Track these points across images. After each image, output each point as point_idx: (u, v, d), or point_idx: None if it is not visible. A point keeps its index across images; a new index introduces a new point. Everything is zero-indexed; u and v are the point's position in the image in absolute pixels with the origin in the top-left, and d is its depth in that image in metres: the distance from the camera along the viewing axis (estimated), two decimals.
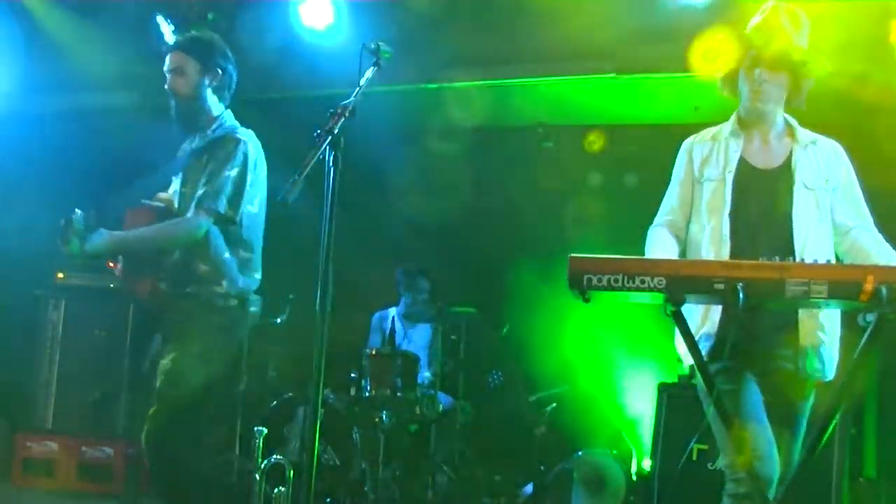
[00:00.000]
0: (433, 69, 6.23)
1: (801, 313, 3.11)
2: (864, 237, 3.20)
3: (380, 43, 3.32)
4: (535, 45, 6.04)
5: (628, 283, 2.63)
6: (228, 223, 3.90)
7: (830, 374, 3.17)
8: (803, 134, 3.32)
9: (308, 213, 3.23)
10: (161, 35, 6.12)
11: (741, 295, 2.55)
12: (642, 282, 2.62)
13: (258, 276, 4.18)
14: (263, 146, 4.35)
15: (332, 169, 2.96)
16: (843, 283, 2.56)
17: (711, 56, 3.44)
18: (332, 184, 2.95)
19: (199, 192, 3.83)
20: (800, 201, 3.18)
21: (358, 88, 3.19)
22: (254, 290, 4.12)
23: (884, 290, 2.51)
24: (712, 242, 3.22)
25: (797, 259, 2.87)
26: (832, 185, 3.26)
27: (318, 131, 2.96)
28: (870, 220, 3.29)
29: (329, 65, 5.92)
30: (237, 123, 4.22)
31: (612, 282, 2.63)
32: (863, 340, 2.70)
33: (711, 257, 3.16)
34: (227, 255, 3.96)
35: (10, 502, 6.28)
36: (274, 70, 6.36)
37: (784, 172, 3.25)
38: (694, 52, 3.49)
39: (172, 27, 6.08)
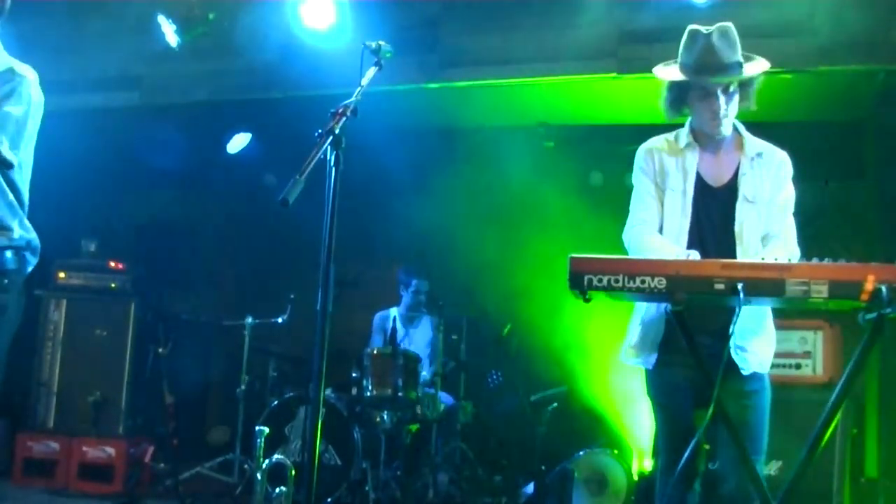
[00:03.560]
0: (434, 69, 6.23)
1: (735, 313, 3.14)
2: (770, 245, 3.23)
3: (381, 43, 3.32)
4: (536, 44, 6.04)
5: (629, 283, 2.64)
6: (3, 166, 3.34)
7: (766, 367, 3.25)
8: (750, 145, 3.37)
9: (309, 213, 3.23)
10: (162, 35, 6.11)
11: (742, 295, 2.55)
12: (643, 282, 2.63)
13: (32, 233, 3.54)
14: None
15: (333, 169, 2.96)
16: (843, 283, 2.56)
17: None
18: (334, 183, 2.95)
19: None
20: (742, 215, 3.25)
21: (359, 88, 3.19)
22: (33, 245, 3.53)
23: (884, 290, 2.51)
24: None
25: None
26: (768, 199, 3.30)
27: (320, 131, 2.95)
28: (792, 233, 3.32)
29: (330, 65, 5.93)
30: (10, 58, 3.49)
31: (612, 282, 2.64)
32: (863, 340, 2.70)
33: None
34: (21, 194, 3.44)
35: (11, 502, 6.28)
36: (275, 70, 6.36)
37: (731, 188, 3.32)
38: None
39: (174, 27, 6.07)
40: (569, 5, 5.91)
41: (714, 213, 3.30)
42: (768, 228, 3.28)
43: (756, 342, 3.23)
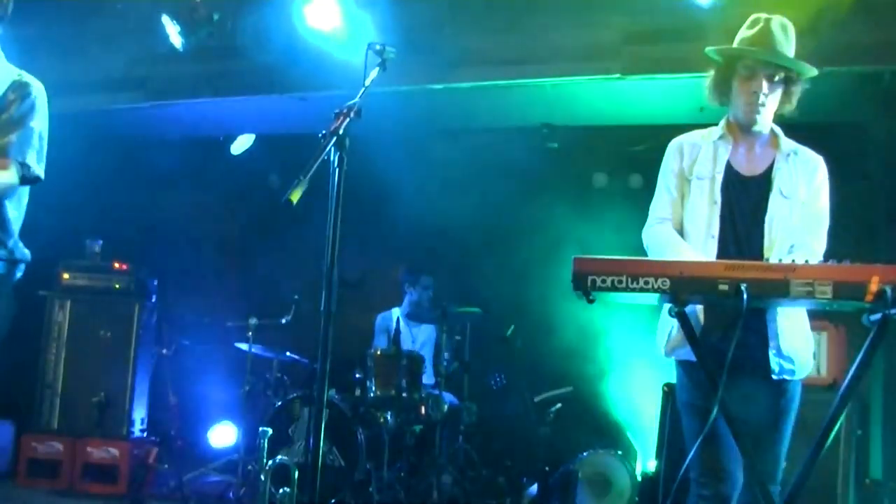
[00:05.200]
0: (439, 70, 6.23)
1: (768, 314, 3.12)
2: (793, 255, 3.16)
3: (384, 44, 3.32)
4: (540, 45, 6.04)
5: (632, 284, 2.63)
6: (31, 183, 3.37)
7: (803, 373, 3.20)
8: (786, 143, 3.35)
9: (313, 214, 3.23)
10: (167, 36, 6.12)
11: (745, 296, 2.55)
12: (646, 283, 2.62)
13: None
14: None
15: (336, 169, 2.96)
16: (848, 284, 2.55)
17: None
18: (337, 184, 2.96)
19: (6, 139, 3.30)
20: (774, 208, 3.22)
21: (363, 89, 3.19)
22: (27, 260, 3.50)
23: (889, 291, 2.50)
24: (698, 241, 3.25)
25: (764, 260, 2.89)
26: (802, 199, 3.27)
27: (323, 132, 2.96)
28: (821, 246, 3.27)
29: (334, 65, 5.93)
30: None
31: (615, 283, 2.63)
32: (868, 341, 2.70)
33: (700, 254, 3.17)
34: (12, 212, 3.40)
35: (15, 502, 6.29)
36: (279, 71, 6.36)
37: (765, 180, 3.28)
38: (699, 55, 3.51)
39: (178, 28, 6.08)
40: (573, 6, 5.91)
41: (745, 202, 3.26)
42: (797, 236, 3.23)
43: (796, 344, 3.18)
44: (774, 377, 3.14)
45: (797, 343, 3.18)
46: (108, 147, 7.52)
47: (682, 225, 3.37)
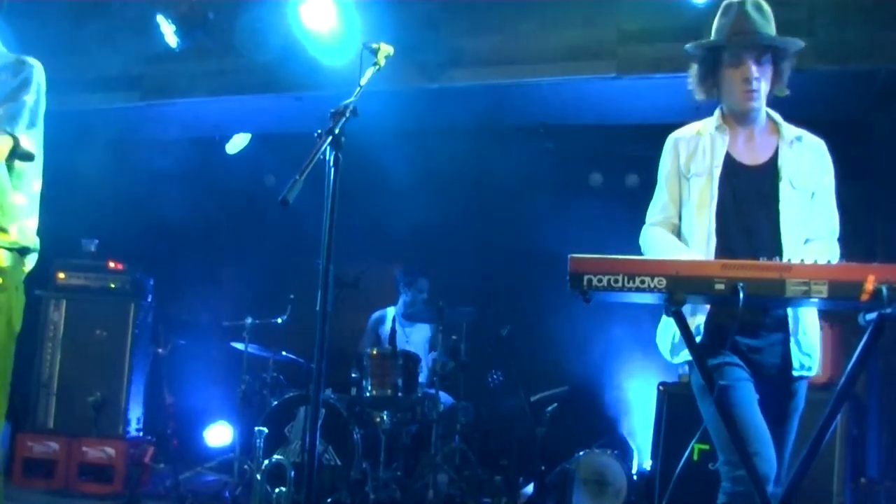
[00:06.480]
0: (434, 70, 6.23)
1: (789, 310, 3.10)
2: (809, 247, 3.15)
3: (380, 43, 3.32)
4: (536, 45, 6.04)
5: (629, 283, 2.62)
6: (22, 158, 3.35)
7: (815, 370, 3.18)
8: (788, 130, 3.28)
9: (309, 213, 3.22)
10: (162, 35, 6.11)
11: (742, 295, 2.54)
12: (642, 282, 2.61)
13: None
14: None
15: (332, 169, 2.96)
16: (843, 283, 2.55)
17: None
18: (333, 184, 2.95)
19: None
20: (786, 200, 3.15)
21: (359, 88, 3.19)
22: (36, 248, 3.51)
23: (884, 290, 2.50)
24: (700, 239, 3.20)
25: (785, 258, 2.85)
26: (812, 189, 3.21)
27: (319, 131, 2.95)
28: (836, 232, 3.25)
29: (330, 65, 5.93)
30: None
31: (612, 282, 2.62)
32: (863, 340, 2.69)
33: (699, 254, 3.14)
34: (18, 199, 3.38)
35: (11, 503, 6.28)
36: (275, 70, 6.36)
37: (770, 170, 3.21)
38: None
39: (173, 27, 6.07)
40: (568, 5, 5.91)
41: (751, 193, 3.18)
42: (812, 230, 3.19)
43: (813, 340, 3.16)
44: (795, 374, 3.11)
45: (815, 340, 3.16)
46: (104, 146, 7.50)
47: (681, 226, 3.32)
